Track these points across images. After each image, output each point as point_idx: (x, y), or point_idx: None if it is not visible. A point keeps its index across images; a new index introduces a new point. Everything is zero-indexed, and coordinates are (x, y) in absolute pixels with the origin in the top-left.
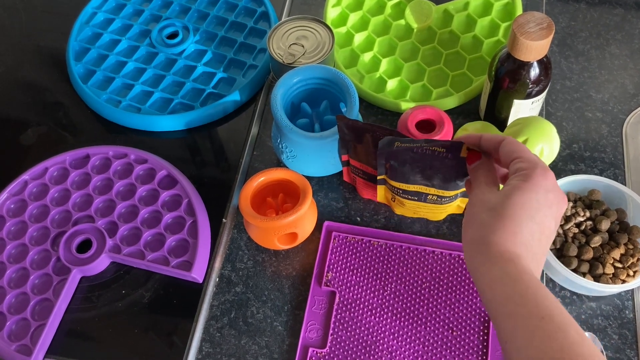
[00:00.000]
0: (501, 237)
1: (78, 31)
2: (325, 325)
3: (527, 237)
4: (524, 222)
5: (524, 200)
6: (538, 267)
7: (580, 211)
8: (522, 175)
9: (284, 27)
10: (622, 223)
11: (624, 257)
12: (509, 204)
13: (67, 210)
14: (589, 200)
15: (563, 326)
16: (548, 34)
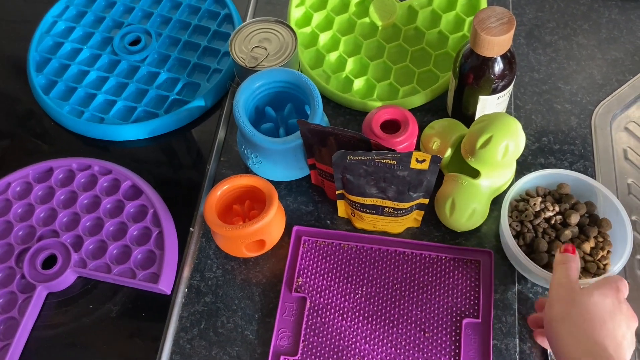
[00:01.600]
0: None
1: (38, 41)
2: (296, 331)
3: (609, 337)
4: (606, 322)
5: (601, 299)
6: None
7: (550, 206)
8: (604, 280)
9: (246, 30)
10: (592, 216)
11: (594, 250)
12: (589, 300)
13: (31, 226)
14: (558, 194)
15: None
16: (509, 29)
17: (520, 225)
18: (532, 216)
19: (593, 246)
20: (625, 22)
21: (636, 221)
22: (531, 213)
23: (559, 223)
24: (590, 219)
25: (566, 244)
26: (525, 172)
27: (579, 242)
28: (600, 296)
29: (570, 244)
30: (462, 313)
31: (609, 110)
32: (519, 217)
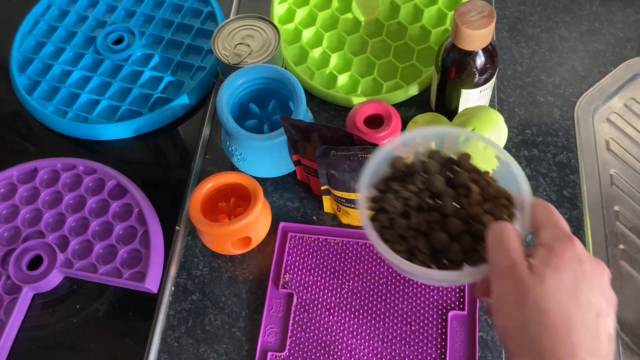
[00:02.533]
0: (548, 343)
1: (20, 41)
2: (283, 328)
3: (580, 329)
4: (571, 308)
5: (558, 276)
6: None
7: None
8: (548, 247)
9: (229, 27)
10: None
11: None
12: (538, 290)
13: (16, 227)
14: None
15: None
16: (490, 22)
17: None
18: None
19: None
20: (606, 14)
21: (619, 211)
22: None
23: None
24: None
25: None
26: None
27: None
28: (555, 276)
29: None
30: (447, 306)
31: (591, 101)
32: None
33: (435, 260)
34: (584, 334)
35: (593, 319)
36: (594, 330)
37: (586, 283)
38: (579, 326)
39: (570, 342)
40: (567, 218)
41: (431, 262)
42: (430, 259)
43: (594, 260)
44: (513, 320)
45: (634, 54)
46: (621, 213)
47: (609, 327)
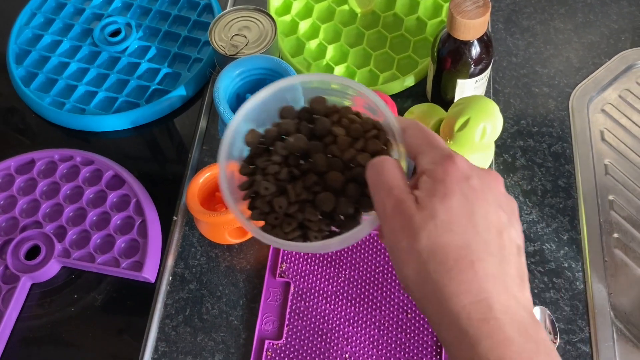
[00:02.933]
0: (452, 284)
1: (17, 33)
2: (280, 316)
3: (483, 256)
4: (469, 236)
5: (447, 204)
6: (522, 288)
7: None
8: (429, 172)
9: (226, 19)
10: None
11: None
12: (431, 227)
13: (13, 217)
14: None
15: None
16: (485, 12)
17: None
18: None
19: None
20: (600, 6)
21: (614, 201)
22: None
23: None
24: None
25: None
26: (504, 155)
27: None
28: (445, 205)
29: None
30: None
31: (585, 92)
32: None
33: (331, 220)
34: (489, 261)
35: (495, 240)
36: (498, 253)
37: (479, 202)
38: (482, 253)
39: (475, 277)
40: (562, 207)
41: (326, 225)
42: (325, 223)
43: (482, 172)
44: (410, 267)
45: (628, 45)
46: (615, 202)
47: (515, 239)
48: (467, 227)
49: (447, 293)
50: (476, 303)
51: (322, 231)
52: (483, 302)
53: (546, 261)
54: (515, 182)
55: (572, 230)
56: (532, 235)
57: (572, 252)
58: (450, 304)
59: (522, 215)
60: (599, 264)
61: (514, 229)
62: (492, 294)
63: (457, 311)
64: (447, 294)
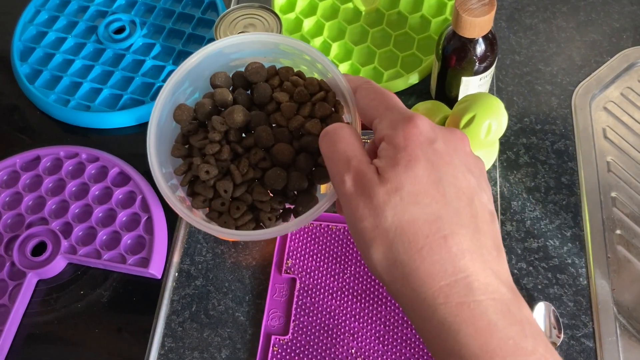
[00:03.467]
0: (424, 265)
1: (22, 30)
2: (286, 312)
3: (455, 229)
4: (439, 207)
5: (412, 173)
6: (500, 260)
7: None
8: (389, 139)
9: (231, 16)
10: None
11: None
12: (397, 201)
13: (19, 214)
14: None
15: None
16: (490, 10)
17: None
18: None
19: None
20: (602, 5)
21: (616, 197)
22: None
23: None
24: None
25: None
26: (508, 152)
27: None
28: (409, 174)
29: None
30: None
31: (588, 90)
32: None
33: (284, 197)
34: (462, 234)
35: (466, 208)
36: (471, 223)
37: (446, 167)
38: (454, 226)
39: (449, 255)
40: (566, 204)
41: (279, 204)
42: (277, 201)
43: (446, 133)
44: (376, 248)
45: (630, 44)
46: (618, 199)
47: (486, 204)
48: (435, 197)
49: (420, 276)
50: (453, 284)
51: (275, 210)
52: (461, 282)
53: (550, 257)
54: (518, 179)
55: (576, 227)
56: (536, 231)
57: (575, 248)
58: (424, 287)
59: (525, 211)
60: (602, 260)
61: (484, 193)
62: (470, 272)
63: (432, 295)
64: (420, 277)
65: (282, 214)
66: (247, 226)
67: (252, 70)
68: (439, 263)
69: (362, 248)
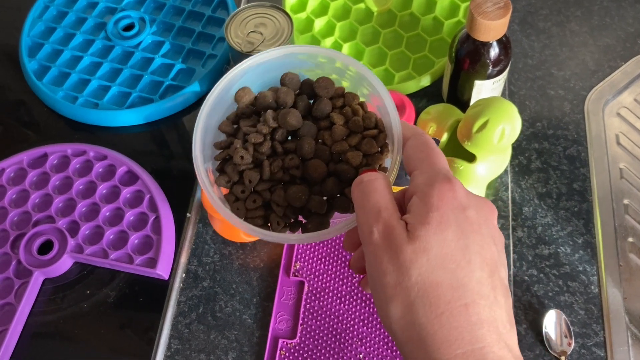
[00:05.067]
0: (443, 331)
1: (30, 26)
2: (294, 315)
3: (476, 299)
4: (463, 275)
5: (442, 236)
6: (512, 334)
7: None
8: (422, 195)
9: (242, 15)
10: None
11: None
12: (423, 262)
13: (26, 212)
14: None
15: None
16: (505, 13)
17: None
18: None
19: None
20: (616, 9)
21: (629, 205)
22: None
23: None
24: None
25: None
26: (519, 157)
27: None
28: (439, 237)
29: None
30: None
31: (601, 96)
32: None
33: (299, 210)
34: (481, 304)
35: (487, 279)
36: (491, 295)
37: (475, 235)
38: (475, 295)
39: (468, 324)
40: (577, 210)
41: (293, 213)
42: (293, 210)
43: (479, 202)
44: (395, 305)
45: None
46: (630, 206)
47: (504, 279)
48: (461, 264)
49: (437, 340)
50: (469, 353)
51: (286, 217)
52: (477, 352)
53: (561, 264)
54: (530, 184)
55: (587, 234)
56: (547, 238)
57: (587, 255)
58: (440, 353)
59: (537, 217)
60: (613, 268)
61: (503, 267)
62: (486, 343)
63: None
64: (437, 342)
65: (292, 224)
66: (255, 221)
67: (322, 83)
68: (457, 330)
69: (380, 302)
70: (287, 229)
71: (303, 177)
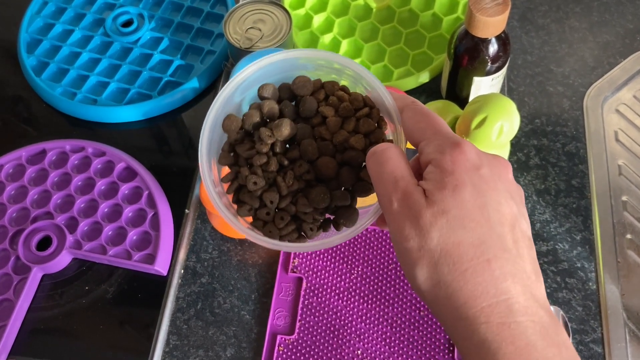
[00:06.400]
0: (468, 286)
1: (29, 22)
2: (293, 311)
3: (499, 254)
4: (483, 232)
5: (459, 197)
6: (538, 284)
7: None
8: (436, 162)
9: (241, 11)
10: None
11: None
12: (443, 224)
13: (24, 208)
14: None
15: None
16: (504, 10)
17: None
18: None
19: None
20: (616, 5)
21: (627, 202)
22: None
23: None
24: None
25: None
26: (518, 153)
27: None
28: (456, 198)
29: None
30: None
31: (600, 92)
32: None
33: (326, 209)
34: (505, 258)
35: (509, 234)
36: (513, 248)
37: (491, 193)
38: (498, 250)
39: (492, 277)
40: (576, 207)
41: (320, 214)
42: (319, 211)
43: (491, 160)
44: (421, 268)
45: None
46: (629, 203)
47: (526, 231)
48: (480, 222)
49: (463, 296)
50: (495, 305)
51: (316, 221)
52: (502, 303)
53: (559, 261)
54: (529, 181)
55: (585, 231)
56: (545, 234)
57: (585, 252)
58: (467, 307)
59: (535, 214)
60: (611, 265)
61: (524, 220)
62: (511, 295)
63: (474, 315)
64: (463, 297)
65: (322, 223)
66: (291, 236)
67: (299, 83)
68: (482, 285)
69: (407, 267)
70: (321, 231)
71: (317, 178)
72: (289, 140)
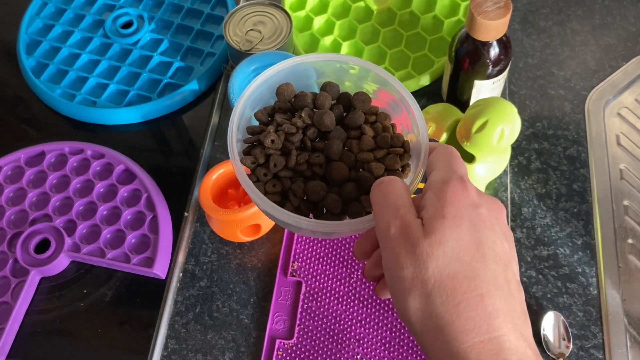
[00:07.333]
0: (460, 320)
1: (28, 23)
2: (292, 315)
3: (492, 290)
4: (478, 267)
5: (457, 229)
6: (527, 326)
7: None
8: (437, 191)
9: (241, 13)
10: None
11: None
12: (439, 254)
13: (23, 210)
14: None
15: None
16: (506, 13)
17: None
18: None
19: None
20: (618, 9)
21: (629, 206)
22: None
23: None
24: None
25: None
26: (519, 157)
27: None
28: (454, 231)
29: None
30: None
31: (602, 96)
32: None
33: (313, 206)
34: (497, 295)
35: (502, 273)
36: (505, 287)
37: (487, 231)
38: (491, 286)
39: (485, 313)
40: (577, 211)
41: (307, 208)
42: (307, 205)
43: (490, 201)
44: (413, 298)
45: None
46: (630, 207)
47: (516, 273)
48: (475, 257)
49: (454, 330)
50: (487, 342)
51: (300, 210)
52: (494, 340)
53: (560, 265)
54: (529, 185)
55: (587, 235)
56: (546, 239)
57: (586, 257)
58: (458, 342)
59: (536, 218)
60: (612, 270)
61: (515, 263)
62: (503, 332)
63: (464, 351)
64: (454, 331)
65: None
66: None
67: (359, 97)
68: (474, 320)
69: (398, 296)
70: None
71: (324, 176)
72: (322, 135)
